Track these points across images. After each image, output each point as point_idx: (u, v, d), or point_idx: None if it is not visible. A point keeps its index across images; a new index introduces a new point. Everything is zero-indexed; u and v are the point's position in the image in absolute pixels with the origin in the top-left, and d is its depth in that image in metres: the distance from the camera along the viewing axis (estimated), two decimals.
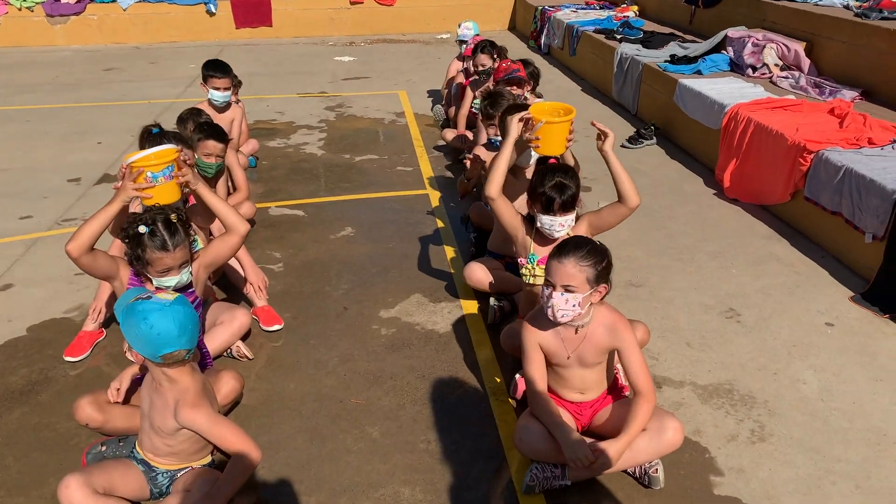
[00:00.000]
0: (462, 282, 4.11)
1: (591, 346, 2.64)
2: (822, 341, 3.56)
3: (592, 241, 2.60)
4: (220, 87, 5.23)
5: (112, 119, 7.49)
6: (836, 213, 4.29)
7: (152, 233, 2.72)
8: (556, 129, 3.10)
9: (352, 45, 11.76)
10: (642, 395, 2.57)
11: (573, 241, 2.59)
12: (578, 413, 2.81)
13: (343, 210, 5.21)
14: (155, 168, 2.83)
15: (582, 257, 2.50)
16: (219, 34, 12.22)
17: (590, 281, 2.51)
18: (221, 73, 5.23)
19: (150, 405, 2.46)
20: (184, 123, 4.47)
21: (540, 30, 11.04)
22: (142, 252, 2.73)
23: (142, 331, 2.25)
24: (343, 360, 3.47)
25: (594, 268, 2.51)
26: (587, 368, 2.70)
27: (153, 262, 2.75)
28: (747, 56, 6.59)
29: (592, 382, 2.76)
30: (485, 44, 5.97)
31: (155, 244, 2.72)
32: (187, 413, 2.36)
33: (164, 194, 2.89)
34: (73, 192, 5.51)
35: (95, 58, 10.77)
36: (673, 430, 2.58)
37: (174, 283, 2.81)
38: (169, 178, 2.87)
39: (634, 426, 2.55)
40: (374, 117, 7.55)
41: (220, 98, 5.24)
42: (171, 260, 2.76)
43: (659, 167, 6.00)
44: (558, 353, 2.69)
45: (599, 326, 2.63)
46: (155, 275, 2.79)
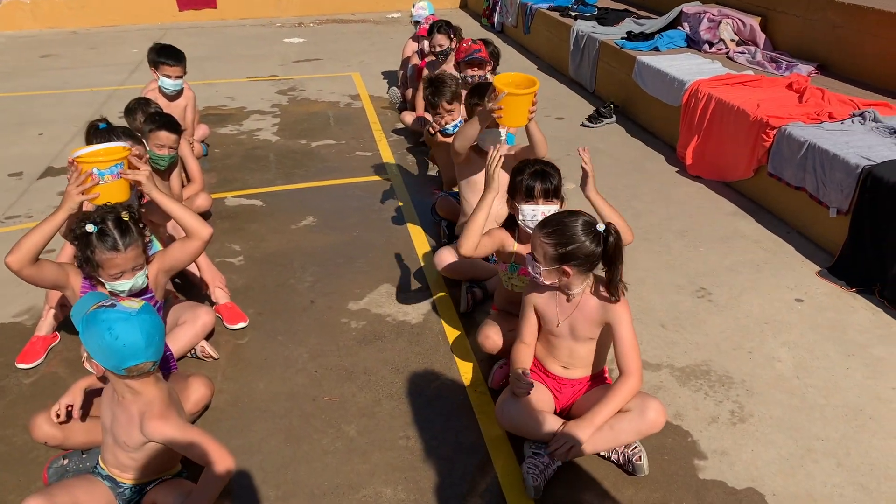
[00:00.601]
0: (432, 270, 4.03)
1: (582, 316, 2.61)
2: (794, 318, 3.57)
3: (567, 222, 2.48)
4: (172, 74, 4.99)
5: (53, 109, 7.14)
6: (800, 188, 4.31)
7: (101, 232, 2.53)
8: (518, 100, 3.14)
9: (301, 27, 11.48)
10: (630, 374, 2.53)
11: (554, 217, 2.55)
12: (558, 390, 2.78)
13: (302, 198, 5.06)
14: (102, 165, 2.67)
15: (546, 234, 2.49)
16: (162, 17, 11.80)
17: (548, 258, 2.48)
18: (174, 60, 4.98)
19: (112, 419, 2.32)
20: (132, 114, 4.26)
21: (493, 7, 10.91)
22: (91, 253, 2.55)
23: (105, 341, 2.09)
24: (313, 355, 3.35)
25: (554, 248, 2.46)
26: (577, 342, 2.67)
27: (104, 263, 2.56)
28: (703, 31, 6.59)
29: (579, 359, 2.72)
30: (441, 23, 5.84)
31: (105, 244, 2.53)
32: (154, 425, 2.22)
33: (113, 193, 2.72)
34: (14, 188, 5.23)
35: (30, 44, 10.29)
36: (655, 410, 2.54)
37: (128, 286, 2.63)
38: (117, 176, 2.71)
39: (615, 400, 2.51)
40: (329, 101, 7.36)
41: (171, 86, 5.01)
42: (123, 261, 2.58)
43: (620, 146, 5.98)
44: (551, 317, 2.68)
45: (592, 298, 2.59)
46: (107, 278, 2.60)
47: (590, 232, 2.47)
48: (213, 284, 3.62)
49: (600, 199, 2.95)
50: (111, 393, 2.33)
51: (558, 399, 2.76)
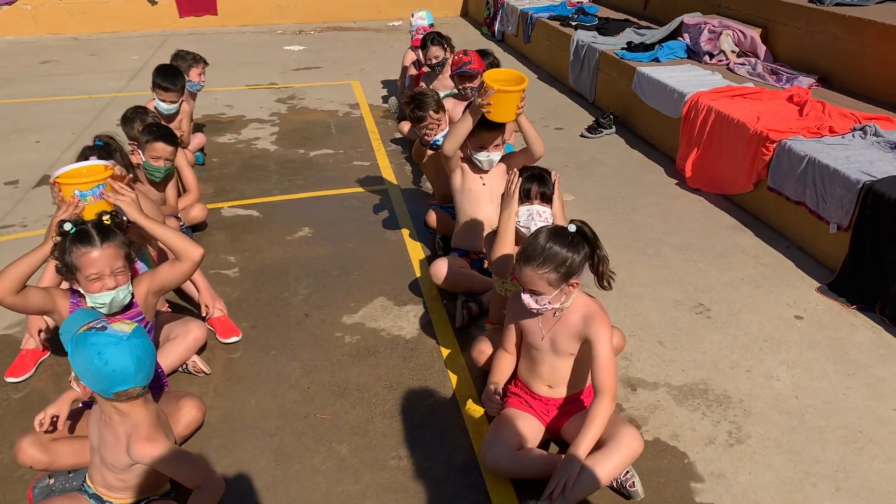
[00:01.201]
0: (427, 283, 3.99)
1: (564, 329, 2.60)
2: (793, 335, 3.53)
3: (546, 245, 2.44)
4: (167, 99, 4.95)
5: (51, 116, 7.12)
6: (799, 202, 4.27)
7: (79, 231, 2.49)
8: (507, 97, 3.31)
9: (301, 34, 11.47)
10: (602, 394, 2.47)
11: (531, 247, 2.47)
12: (545, 412, 2.75)
13: (300, 209, 5.03)
14: (83, 186, 2.64)
15: (538, 265, 2.44)
16: (161, 24, 11.79)
17: (552, 283, 2.46)
18: (170, 84, 4.94)
19: (99, 439, 2.28)
20: (129, 123, 4.23)
21: (493, 16, 10.90)
22: (69, 255, 2.48)
23: (95, 366, 2.05)
24: (306, 371, 3.31)
25: (555, 272, 2.44)
26: (558, 357, 2.65)
27: (80, 263, 2.48)
28: (704, 43, 6.56)
29: (561, 376, 2.69)
30: (433, 35, 5.84)
31: (81, 241, 2.48)
32: (141, 448, 2.18)
33: (93, 213, 2.67)
34: (10, 197, 5.20)
35: (31, 50, 10.28)
36: (629, 436, 2.50)
37: (108, 299, 2.55)
38: (99, 197, 2.68)
39: (594, 428, 2.45)
40: (328, 109, 7.33)
41: (165, 110, 4.98)
42: (101, 259, 2.49)
43: (619, 157, 5.94)
44: (534, 331, 2.66)
45: (575, 313, 2.58)
46: (85, 285, 2.53)
47: (570, 241, 2.46)
48: (212, 305, 3.57)
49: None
50: (99, 413, 2.29)
51: (545, 420, 2.73)
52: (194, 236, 4.50)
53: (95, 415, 2.31)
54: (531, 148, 3.64)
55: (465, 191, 3.86)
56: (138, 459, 2.22)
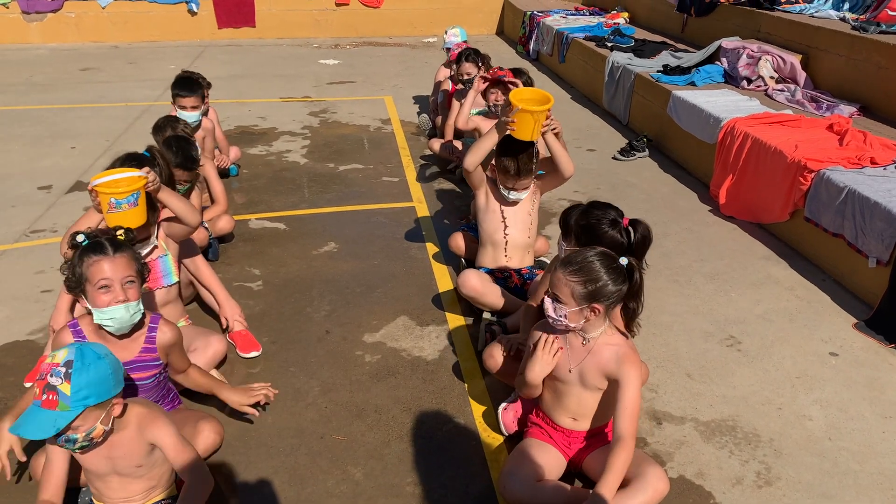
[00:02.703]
0: (451, 303, 3.94)
1: (594, 363, 2.51)
2: (827, 373, 3.40)
3: (592, 258, 2.43)
4: (187, 105, 4.87)
5: (87, 122, 7.22)
6: (837, 235, 4.15)
7: (92, 242, 2.47)
8: (532, 116, 3.36)
9: (337, 48, 11.54)
10: (621, 441, 2.39)
11: (575, 254, 2.48)
12: (567, 445, 2.67)
13: (326, 223, 5.01)
14: (120, 195, 2.74)
15: (571, 271, 2.42)
16: (200, 34, 11.95)
17: (575, 296, 2.41)
18: (187, 90, 4.85)
19: (108, 455, 2.25)
20: (161, 132, 4.24)
21: (528, 35, 10.88)
22: (79, 265, 2.43)
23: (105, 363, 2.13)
24: (324, 390, 3.26)
25: (582, 286, 2.40)
26: (587, 390, 2.56)
27: (90, 273, 2.41)
28: (742, 68, 6.45)
29: (588, 409, 2.61)
30: (469, 51, 5.79)
31: (93, 250, 2.44)
32: (152, 423, 2.27)
33: (128, 219, 2.81)
34: (42, 201, 5.25)
35: (72, 57, 10.47)
36: (656, 477, 2.43)
37: (119, 313, 2.45)
38: (134, 204, 2.77)
39: (615, 473, 2.36)
40: (360, 124, 7.34)
41: (189, 118, 4.94)
42: (111, 267, 2.43)
43: (652, 181, 5.85)
44: (562, 364, 2.58)
45: (607, 348, 2.51)
46: (95, 297, 2.43)
47: (615, 268, 2.43)
48: (231, 318, 3.55)
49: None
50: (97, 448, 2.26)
51: (567, 453, 2.64)
52: (220, 248, 4.49)
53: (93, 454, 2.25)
54: (560, 168, 3.61)
55: (490, 211, 3.81)
56: (155, 437, 2.27)
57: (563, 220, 2.97)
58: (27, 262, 4.36)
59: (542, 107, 3.38)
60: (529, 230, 3.85)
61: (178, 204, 3.09)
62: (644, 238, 2.86)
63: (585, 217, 2.87)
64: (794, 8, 7.11)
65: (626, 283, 2.46)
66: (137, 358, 2.62)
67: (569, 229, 2.92)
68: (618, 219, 2.85)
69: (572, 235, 2.91)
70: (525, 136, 3.44)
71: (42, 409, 2.04)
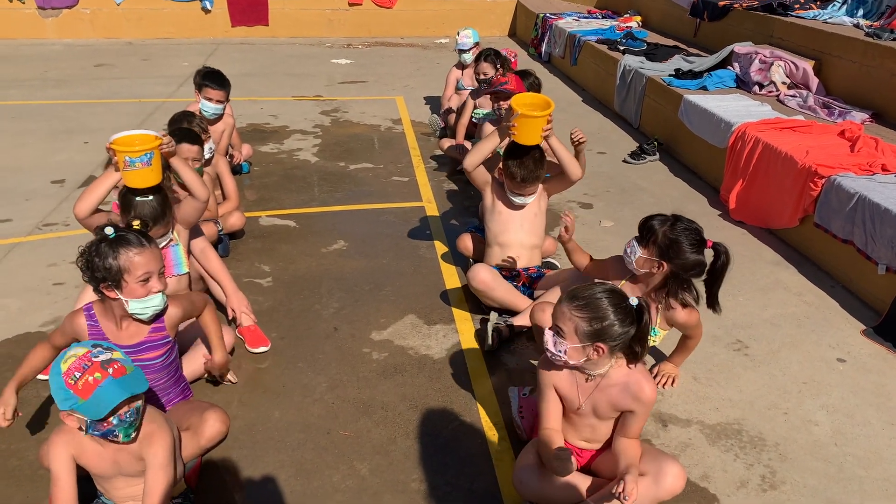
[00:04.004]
0: (459, 301, 3.96)
1: (604, 399, 2.47)
2: (834, 379, 3.40)
3: (600, 295, 2.33)
4: (214, 98, 4.95)
5: (101, 118, 7.27)
6: (847, 241, 4.14)
7: (119, 236, 2.50)
8: (532, 121, 3.44)
9: (349, 48, 11.58)
10: (628, 437, 2.47)
11: (583, 288, 2.40)
12: (579, 455, 2.67)
13: (336, 221, 5.03)
14: (133, 154, 2.91)
15: (576, 306, 2.33)
16: (214, 32, 12.01)
17: (578, 332, 2.32)
18: (217, 84, 4.94)
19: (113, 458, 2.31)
20: (177, 125, 4.29)
21: (541, 37, 10.89)
22: (113, 259, 2.46)
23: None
24: (332, 386, 3.28)
25: (587, 323, 2.30)
26: (601, 420, 2.54)
27: (131, 266, 2.47)
28: (754, 73, 6.44)
29: (603, 435, 2.60)
30: (488, 52, 5.79)
31: (128, 243, 2.49)
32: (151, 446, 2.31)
33: (141, 178, 2.99)
34: (55, 195, 5.30)
35: (86, 53, 10.55)
36: (673, 475, 2.41)
37: (158, 300, 2.57)
38: (147, 164, 2.93)
39: (632, 459, 2.40)
40: (371, 123, 7.37)
41: (211, 110, 4.96)
42: (151, 258, 2.52)
43: (662, 184, 5.85)
44: (571, 399, 2.53)
45: (617, 385, 2.44)
46: (133, 289, 2.50)
47: (622, 308, 2.33)
48: (238, 310, 3.58)
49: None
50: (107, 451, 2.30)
51: (579, 461, 2.65)
52: (231, 244, 4.52)
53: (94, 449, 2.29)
54: (567, 171, 3.65)
55: (496, 213, 3.83)
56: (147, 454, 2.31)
57: (644, 225, 2.92)
58: (40, 255, 4.40)
59: (543, 112, 3.44)
60: (536, 232, 3.87)
61: (190, 174, 3.25)
62: (726, 264, 2.90)
63: (674, 231, 2.85)
64: (807, 14, 7.09)
65: (633, 325, 2.34)
66: (147, 339, 2.67)
67: (653, 236, 2.88)
68: (702, 239, 2.88)
69: (655, 245, 2.88)
70: (525, 141, 3.52)
71: (118, 378, 2.13)
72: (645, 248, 2.92)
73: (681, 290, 2.97)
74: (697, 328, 3.10)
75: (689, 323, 3.03)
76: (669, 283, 2.96)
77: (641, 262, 2.94)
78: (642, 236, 2.94)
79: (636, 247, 2.95)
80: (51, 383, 2.15)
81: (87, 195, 3.05)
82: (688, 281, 2.97)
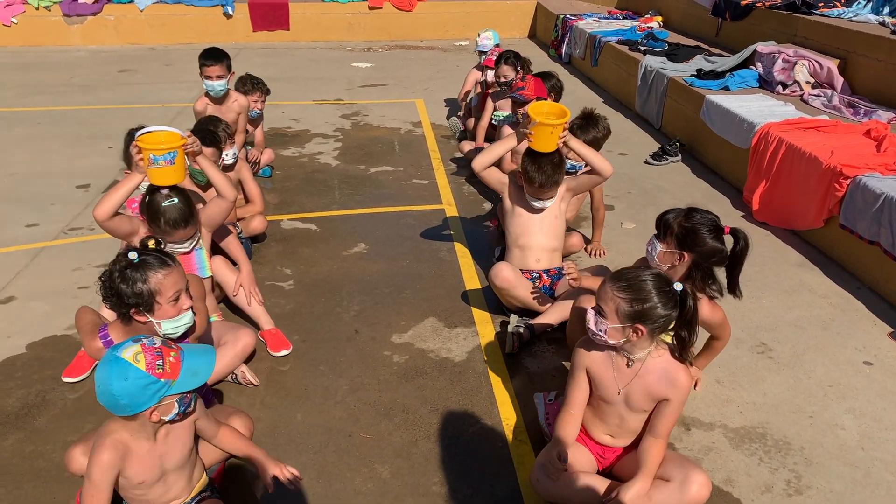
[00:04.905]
0: (480, 305, 3.95)
1: (641, 387, 2.46)
2: (861, 382, 3.35)
3: (645, 277, 2.36)
4: (213, 75, 4.99)
5: (124, 123, 7.26)
6: (873, 242, 4.08)
7: (143, 260, 2.48)
8: (548, 129, 3.51)
9: (370, 51, 11.62)
10: (656, 436, 2.44)
11: (628, 270, 2.45)
12: (601, 455, 2.65)
13: (357, 224, 5.05)
14: (158, 152, 2.99)
15: (619, 287, 2.36)
16: (235, 37, 12.11)
17: (619, 313, 2.34)
18: (213, 60, 4.99)
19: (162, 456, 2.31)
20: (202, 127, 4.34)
21: (561, 39, 10.86)
22: (143, 283, 2.44)
23: None
24: (353, 388, 3.30)
25: (629, 304, 2.33)
26: (631, 411, 2.52)
27: (162, 287, 2.47)
28: (777, 72, 6.38)
29: (629, 429, 2.58)
30: (508, 54, 5.78)
31: (154, 265, 2.48)
32: None
33: (165, 176, 3.07)
34: (80, 200, 5.37)
35: (111, 59, 10.68)
36: (698, 484, 2.39)
37: (188, 318, 2.58)
38: (170, 162, 3.01)
39: (650, 465, 2.40)
40: (391, 127, 7.39)
41: (214, 87, 4.99)
42: (178, 277, 2.53)
43: (684, 186, 5.80)
44: (608, 384, 2.52)
45: (655, 372, 2.44)
46: (166, 310, 2.51)
47: (666, 292, 2.35)
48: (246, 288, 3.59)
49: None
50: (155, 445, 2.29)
51: (601, 462, 2.64)
52: (253, 248, 4.56)
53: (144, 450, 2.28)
54: (597, 169, 3.67)
55: (515, 215, 3.83)
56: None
57: (662, 221, 2.95)
58: (65, 259, 4.47)
59: (559, 120, 3.52)
60: (556, 234, 3.85)
61: (216, 173, 3.35)
62: (746, 247, 2.87)
63: (689, 220, 2.87)
64: (831, 12, 7.00)
65: (676, 308, 2.36)
66: None
67: (669, 230, 2.90)
68: (719, 226, 2.88)
69: (672, 237, 2.89)
70: (542, 148, 3.57)
71: (185, 345, 2.25)
72: (664, 242, 2.94)
73: (705, 282, 2.95)
74: (723, 328, 3.07)
75: (713, 320, 3.00)
76: (693, 274, 2.95)
77: (663, 256, 2.93)
78: (660, 231, 2.96)
79: (656, 243, 2.97)
80: (126, 390, 2.04)
81: (108, 198, 3.08)
82: (711, 273, 2.95)
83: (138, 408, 2.09)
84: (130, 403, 2.07)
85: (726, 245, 2.91)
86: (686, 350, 2.45)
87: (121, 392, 2.04)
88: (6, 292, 4.09)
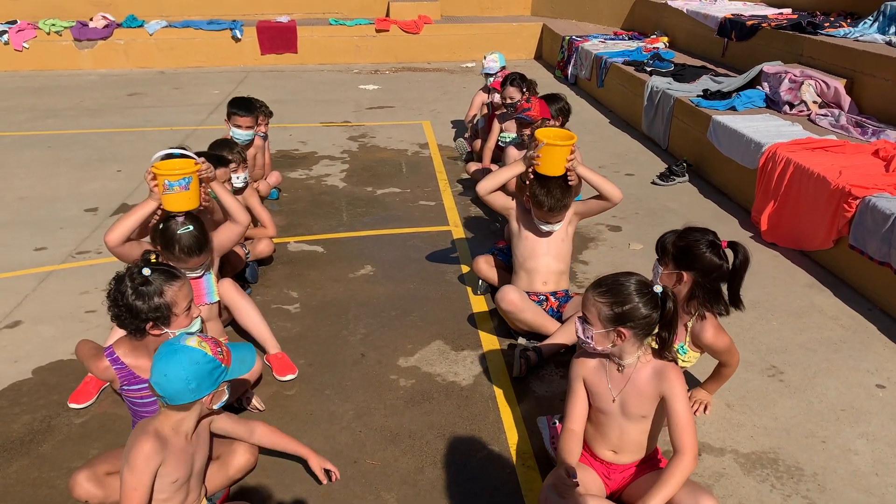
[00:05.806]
0: (487, 328, 3.93)
1: (635, 391, 2.46)
2: (874, 406, 3.30)
3: (622, 281, 2.41)
4: (243, 125, 5.10)
5: (133, 146, 7.41)
6: (884, 263, 4.04)
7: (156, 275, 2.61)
8: (555, 151, 3.49)
9: (377, 73, 11.70)
10: (682, 453, 2.36)
11: (608, 276, 2.48)
12: (607, 476, 2.61)
13: (363, 247, 5.05)
14: (173, 177, 3.05)
15: (601, 293, 2.40)
16: (244, 60, 12.22)
17: (601, 318, 2.38)
18: (245, 110, 5.11)
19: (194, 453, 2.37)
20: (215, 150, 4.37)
21: (567, 60, 10.90)
22: (160, 297, 2.56)
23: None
24: (359, 413, 3.27)
25: (609, 308, 2.37)
26: (629, 420, 2.51)
27: (177, 299, 2.61)
28: (784, 92, 6.37)
29: (630, 442, 2.55)
30: (514, 76, 5.81)
31: (166, 277, 2.61)
32: None
33: (179, 202, 3.11)
34: (89, 224, 5.39)
35: (120, 82, 10.78)
36: None
37: (199, 324, 2.72)
38: (185, 188, 3.06)
39: (669, 486, 2.33)
40: (398, 148, 7.41)
41: (241, 136, 5.08)
42: (189, 287, 2.68)
43: (692, 206, 5.78)
44: (603, 392, 2.52)
45: (642, 371, 2.46)
46: (180, 321, 2.64)
47: (646, 293, 2.39)
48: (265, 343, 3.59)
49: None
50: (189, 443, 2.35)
51: (608, 485, 2.60)
52: (260, 270, 4.55)
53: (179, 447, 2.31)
54: (605, 195, 3.61)
55: (522, 238, 3.81)
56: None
57: (659, 244, 2.99)
58: (73, 283, 4.47)
59: (567, 142, 3.50)
60: (563, 258, 3.83)
61: (229, 198, 3.40)
62: (746, 260, 2.86)
63: (683, 238, 2.90)
64: (837, 32, 7.01)
65: (657, 309, 2.40)
66: None
67: (666, 251, 2.95)
68: (716, 241, 2.88)
69: (670, 258, 2.93)
70: (549, 171, 3.53)
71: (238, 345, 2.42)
72: (664, 265, 2.97)
73: (711, 301, 2.94)
74: (730, 354, 3.04)
75: (717, 345, 2.98)
76: (697, 293, 2.94)
77: (665, 279, 2.93)
78: (659, 254, 3.00)
79: (658, 267, 3.00)
80: (196, 373, 2.20)
81: (120, 224, 3.09)
82: (716, 291, 2.94)
83: (203, 392, 2.23)
84: (199, 387, 2.21)
85: (727, 260, 2.89)
86: (668, 349, 2.48)
87: (192, 375, 2.18)
88: (13, 316, 4.09)
